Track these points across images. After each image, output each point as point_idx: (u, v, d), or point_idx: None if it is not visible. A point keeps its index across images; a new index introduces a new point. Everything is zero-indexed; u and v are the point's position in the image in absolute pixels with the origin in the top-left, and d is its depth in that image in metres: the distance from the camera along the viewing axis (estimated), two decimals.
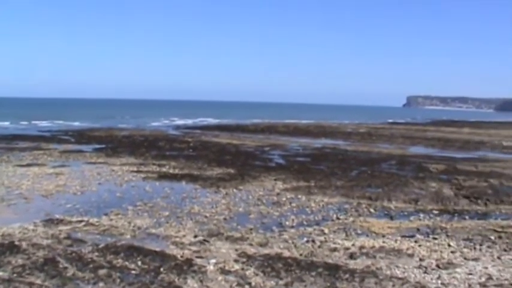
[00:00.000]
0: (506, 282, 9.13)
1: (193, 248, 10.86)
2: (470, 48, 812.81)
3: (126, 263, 9.70)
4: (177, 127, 57.86)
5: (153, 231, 12.34)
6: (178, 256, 10.23)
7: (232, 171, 22.45)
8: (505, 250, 11.13)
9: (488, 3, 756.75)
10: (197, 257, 10.22)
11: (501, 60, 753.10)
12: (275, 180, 20.28)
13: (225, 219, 13.81)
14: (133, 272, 9.25)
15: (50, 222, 12.84)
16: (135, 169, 22.46)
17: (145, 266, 9.53)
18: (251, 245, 11.29)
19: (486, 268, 9.85)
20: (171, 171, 22.34)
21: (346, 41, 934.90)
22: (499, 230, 12.90)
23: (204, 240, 11.54)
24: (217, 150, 31.52)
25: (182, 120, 76.62)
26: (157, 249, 10.68)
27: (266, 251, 10.81)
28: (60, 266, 9.37)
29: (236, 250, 10.79)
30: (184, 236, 11.93)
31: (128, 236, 11.76)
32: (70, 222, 12.90)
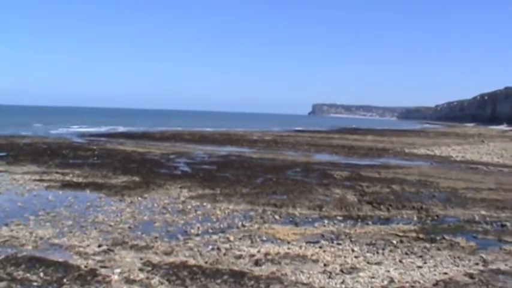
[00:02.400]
0: (407, 284, 9.53)
1: (98, 258, 10.65)
2: (373, 58, 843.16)
3: (28, 274, 9.39)
4: (82, 135, 56.39)
5: (56, 241, 11.97)
6: (82, 266, 10.01)
7: (137, 179, 22.21)
8: (407, 254, 11.60)
9: (392, 11, 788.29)
10: (101, 267, 10.03)
11: (404, 70, 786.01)
12: (180, 188, 20.20)
13: (129, 227, 13.62)
14: (35, 283, 8.98)
15: None
16: (37, 178, 21.70)
17: (48, 278, 9.26)
18: (156, 253, 11.20)
19: (388, 271, 10.23)
20: (74, 179, 21.79)
21: (250, 49, 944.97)
22: (401, 234, 13.44)
23: (109, 249, 11.33)
24: (122, 158, 31.07)
25: (90, 127, 74.80)
26: (60, 259, 10.39)
27: (171, 259, 10.75)
28: None
29: (141, 259, 10.69)
30: (88, 245, 11.67)
31: (30, 247, 11.37)
32: None
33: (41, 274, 9.43)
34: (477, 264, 10.94)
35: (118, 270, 9.85)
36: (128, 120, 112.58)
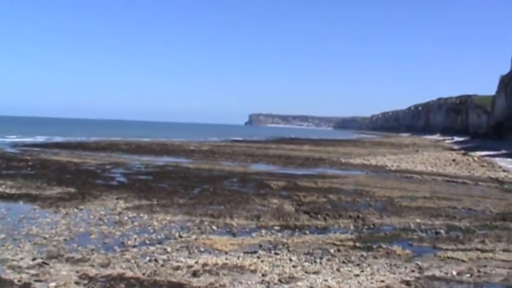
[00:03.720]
0: None
1: (32, 272, 10.43)
2: (309, 68, 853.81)
3: None
4: (16, 145, 54.85)
5: None
6: (16, 281, 9.80)
7: (72, 190, 21.89)
8: (344, 262, 11.82)
9: (325, 22, 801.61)
10: (36, 281, 9.84)
11: (340, 81, 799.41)
12: (117, 199, 20.03)
13: (65, 240, 13.39)
14: None
15: None
16: None
17: None
18: (92, 266, 11.05)
19: (326, 280, 10.40)
20: (7, 190, 21.27)
21: (186, 58, 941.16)
22: (338, 243, 13.69)
23: (43, 262, 11.10)
24: (57, 168, 30.56)
25: (25, 137, 72.54)
26: None
27: (108, 271, 10.63)
28: None
29: (77, 272, 10.53)
30: (22, 259, 11.40)
31: None
32: None
33: None
34: (413, 271, 11.25)
35: (53, 284, 9.68)
36: (66, 130, 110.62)
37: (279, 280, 10.35)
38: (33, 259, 11.40)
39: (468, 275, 10.98)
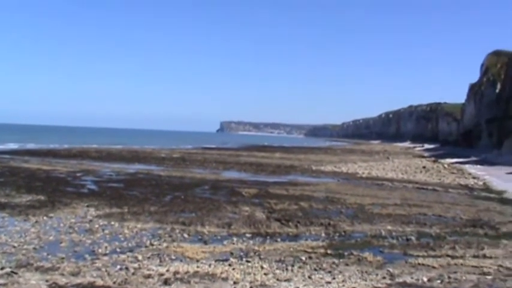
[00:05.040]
0: None
1: (0, 281, 10.32)
2: (280, 76, 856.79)
3: None
4: None
5: None
6: None
7: (42, 198, 21.69)
8: (315, 269, 11.89)
9: (297, 28, 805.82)
10: None
11: (310, 88, 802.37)
12: (87, 206, 19.92)
13: (34, 248, 13.27)
14: None
15: None
16: None
17: None
18: (63, 274, 10.97)
19: None
20: None
21: (157, 64, 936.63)
22: (309, 250, 13.77)
23: (12, 271, 10.98)
24: (26, 176, 30.26)
25: None
26: None
27: (78, 280, 10.57)
28: None
29: (47, 281, 10.45)
30: None
31: None
32: None
33: None
34: (384, 278, 11.37)
35: None
36: (40, 137, 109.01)
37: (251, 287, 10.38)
38: (2, 268, 11.27)
39: (439, 281, 11.13)
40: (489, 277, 11.49)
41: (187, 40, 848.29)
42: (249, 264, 12.24)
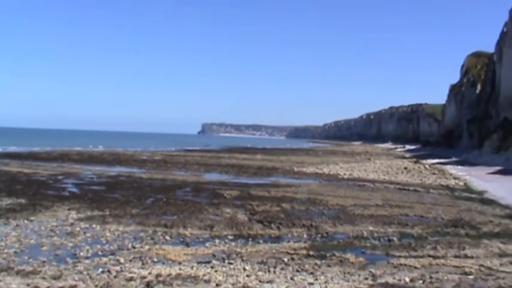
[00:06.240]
0: None
1: None
2: (262, 77, 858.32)
3: None
4: None
5: None
6: None
7: (23, 201, 21.55)
8: (298, 271, 11.95)
9: (276, 27, 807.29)
10: None
11: (292, 89, 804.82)
12: (69, 209, 19.82)
13: (15, 252, 13.18)
14: None
15: None
16: None
17: None
18: (44, 278, 10.92)
19: None
20: None
21: (137, 66, 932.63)
22: (292, 252, 13.81)
23: None
24: (6, 179, 30.04)
25: None
26: None
27: (60, 283, 10.54)
28: None
29: (28, 285, 10.41)
30: None
31: None
32: None
33: None
34: (366, 278, 11.45)
35: None
36: (22, 141, 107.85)
37: None
38: None
39: (421, 281, 11.23)
40: (471, 277, 11.62)
41: (168, 42, 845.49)
42: (231, 266, 12.26)
